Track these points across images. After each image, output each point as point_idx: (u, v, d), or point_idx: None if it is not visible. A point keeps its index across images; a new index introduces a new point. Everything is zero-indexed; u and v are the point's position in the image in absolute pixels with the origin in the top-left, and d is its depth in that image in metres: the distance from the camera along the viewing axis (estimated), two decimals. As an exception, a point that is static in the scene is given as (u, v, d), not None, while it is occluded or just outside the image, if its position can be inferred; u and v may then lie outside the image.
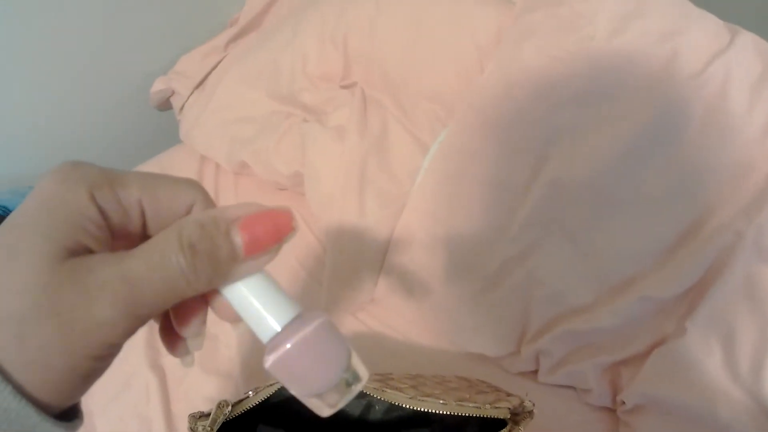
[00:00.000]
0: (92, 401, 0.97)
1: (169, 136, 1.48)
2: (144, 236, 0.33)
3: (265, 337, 0.33)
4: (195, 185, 0.35)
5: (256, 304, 0.33)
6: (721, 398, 0.83)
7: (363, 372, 0.35)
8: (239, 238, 0.30)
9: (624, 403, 0.92)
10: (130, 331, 0.30)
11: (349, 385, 0.34)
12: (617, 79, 0.94)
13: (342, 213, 1.07)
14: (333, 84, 1.23)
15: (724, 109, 0.90)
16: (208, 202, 0.35)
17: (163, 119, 1.59)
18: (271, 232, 0.31)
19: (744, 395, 0.83)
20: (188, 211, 0.34)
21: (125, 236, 0.32)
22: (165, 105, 1.53)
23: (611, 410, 0.96)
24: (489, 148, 1.00)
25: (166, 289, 0.30)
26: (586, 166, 0.93)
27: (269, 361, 0.32)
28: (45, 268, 0.27)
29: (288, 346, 0.31)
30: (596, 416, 0.96)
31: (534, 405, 0.70)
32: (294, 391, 0.33)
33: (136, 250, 0.30)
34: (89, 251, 0.30)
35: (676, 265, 0.90)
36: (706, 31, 0.96)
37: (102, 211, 0.30)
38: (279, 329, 0.32)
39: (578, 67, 0.96)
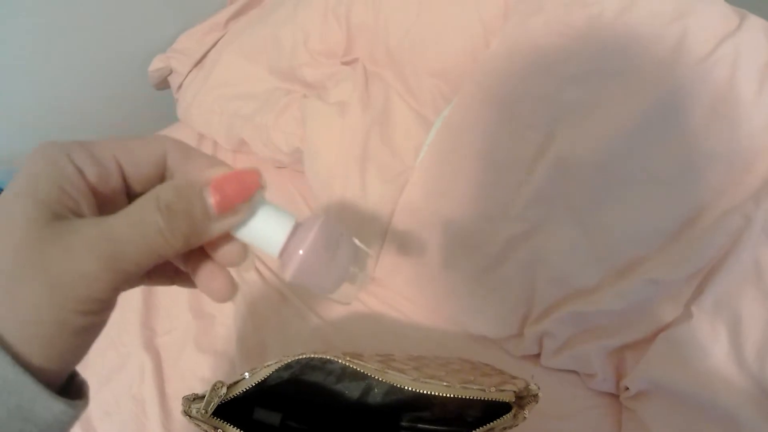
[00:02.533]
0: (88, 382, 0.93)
1: (167, 116, 1.45)
2: (129, 202, 0.34)
3: (275, 251, 0.35)
4: (164, 136, 0.37)
5: (259, 225, 0.35)
6: (726, 385, 0.81)
7: (367, 253, 0.39)
8: (211, 198, 0.33)
9: (627, 388, 0.89)
10: (114, 286, 0.31)
11: (362, 269, 0.38)
12: (625, 57, 0.90)
13: (343, 189, 1.04)
14: (334, 60, 1.19)
15: (732, 93, 0.86)
16: (181, 149, 0.37)
17: (161, 98, 1.56)
18: (239, 191, 0.33)
19: (749, 383, 0.80)
20: (162, 162, 0.37)
21: (111, 200, 0.35)
22: (163, 84, 1.49)
23: (614, 396, 0.94)
24: (494, 124, 0.96)
25: (145, 246, 0.31)
26: (593, 144, 0.90)
27: (288, 272, 0.35)
28: (32, 228, 0.29)
29: (300, 252, 0.35)
30: (599, 401, 0.94)
31: (539, 388, 0.66)
32: (317, 291, 0.37)
33: (118, 212, 0.31)
34: (77, 215, 0.32)
35: (683, 247, 0.87)
36: (714, 13, 0.92)
37: (79, 170, 0.32)
38: (285, 240, 0.35)
39: (586, 44, 0.92)
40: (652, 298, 0.88)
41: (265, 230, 0.35)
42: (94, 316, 0.31)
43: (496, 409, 0.65)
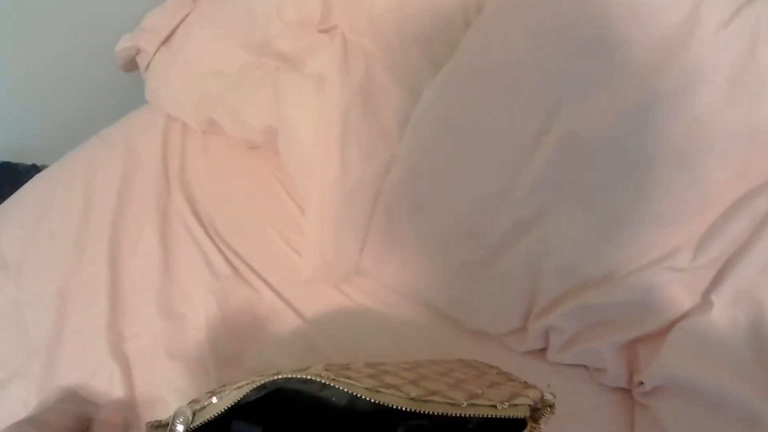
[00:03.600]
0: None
1: (138, 98, 1.37)
2: None
3: None
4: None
5: None
6: (748, 381, 0.76)
7: None
8: None
9: (642, 383, 0.83)
10: None
11: None
12: (634, 26, 0.84)
13: (322, 170, 0.96)
14: (310, 29, 1.11)
15: (754, 65, 0.80)
16: None
17: (131, 80, 1.47)
18: None
19: None
20: None
21: None
22: (132, 65, 1.41)
23: (626, 391, 0.88)
24: (491, 95, 0.89)
25: None
26: (604, 118, 0.83)
27: None
28: None
29: None
30: (610, 398, 0.88)
31: (555, 397, 0.61)
32: None
33: None
34: None
35: (702, 232, 0.82)
36: (730, -22, 0.88)
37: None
38: None
39: (594, 8, 0.85)
40: (668, 287, 0.82)
41: None
42: None
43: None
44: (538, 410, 0.58)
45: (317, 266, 0.96)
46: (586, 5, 0.85)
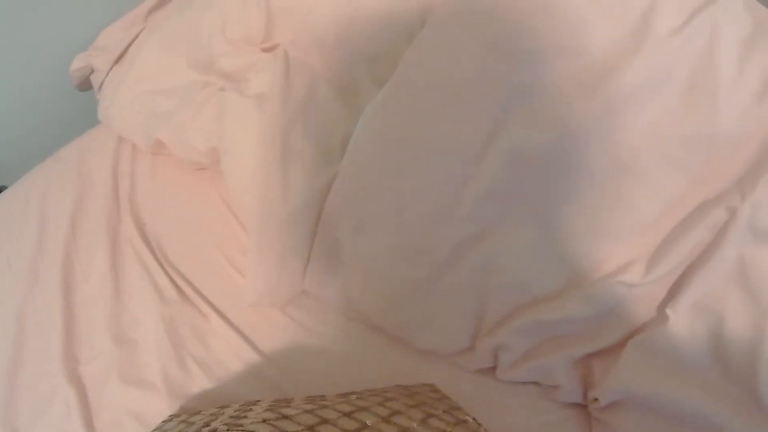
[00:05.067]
0: (19, 419, 0.88)
1: (92, 118, 1.33)
2: None
3: None
4: None
5: None
6: (709, 392, 0.76)
7: None
8: None
9: (597, 399, 0.83)
10: None
11: None
12: (585, 31, 0.83)
13: (264, 191, 0.94)
14: (254, 48, 1.10)
15: (711, 71, 0.81)
16: None
17: (85, 100, 1.45)
18: None
19: (737, 389, 0.76)
20: None
21: None
22: (86, 84, 1.38)
23: (581, 407, 0.87)
24: (434, 109, 0.88)
25: None
26: (551, 130, 0.83)
27: None
28: None
29: None
30: (565, 414, 0.87)
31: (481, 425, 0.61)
32: None
33: None
34: None
35: (656, 244, 0.82)
36: (685, -18, 0.86)
37: None
38: None
39: (541, 17, 0.84)
40: (622, 301, 0.82)
41: None
42: None
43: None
44: None
45: (261, 290, 0.93)
46: (531, 16, 0.84)
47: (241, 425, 0.59)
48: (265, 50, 1.09)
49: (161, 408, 0.86)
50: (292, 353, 0.92)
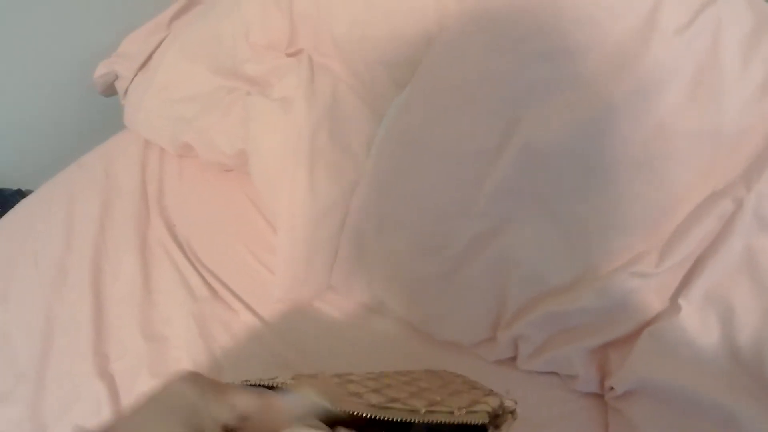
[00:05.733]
0: (47, 415, 0.89)
1: (116, 123, 1.37)
2: None
3: None
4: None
5: None
6: (720, 380, 0.77)
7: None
8: None
9: (613, 388, 0.84)
10: None
11: None
12: (592, 31, 0.85)
13: (291, 192, 0.96)
14: (278, 53, 1.12)
15: (715, 67, 0.82)
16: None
17: (109, 105, 1.47)
18: None
19: (746, 377, 0.76)
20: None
21: None
22: (110, 90, 1.40)
23: (599, 396, 0.89)
24: (452, 110, 0.90)
25: None
26: (561, 128, 0.84)
27: None
28: None
29: None
30: (583, 404, 0.89)
31: (516, 403, 0.62)
32: None
33: None
34: None
35: (667, 235, 0.83)
36: (690, -21, 0.87)
37: (216, 413, 0.41)
38: None
39: (550, 17, 0.86)
40: (635, 292, 0.83)
41: None
42: None
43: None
44: (498, 416, 0.60)
45: (289, 285, 0.96)
46: (541, 17, 0.86)
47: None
48: (289, 55, 1.12)
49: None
50: (318, 346, 0.95)
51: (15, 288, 1.01)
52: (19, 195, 1.43)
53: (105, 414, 0.88)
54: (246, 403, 0.43)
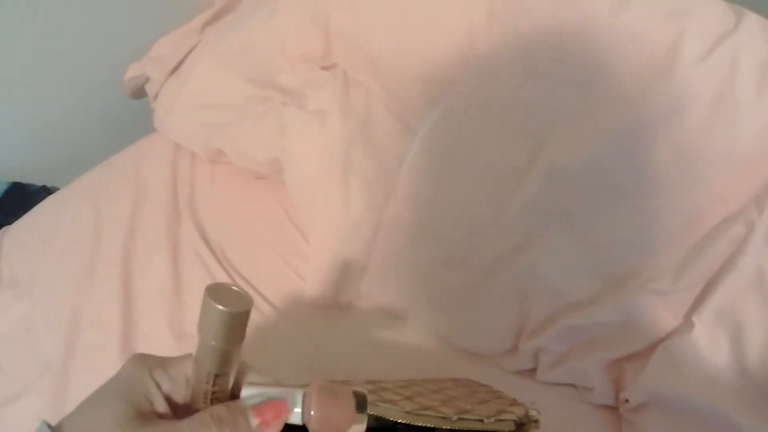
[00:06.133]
0: (69, 408, 0.85)
1: (144, 125, 1.38)
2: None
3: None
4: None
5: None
6: (728, 395, 0.79)
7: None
8: (254, 420, 0.41)
9: (628, 401, 0.87)
10: None
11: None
12: (618, 58, 0.87)
13: (325, 202, 0.99)
14: (313, 66, 1.14)
15: (732, 94, 0.84)
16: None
17: (138, 107, 1.49)
18: (275, 415, 0.41)
19: (753, 391, 0.79)
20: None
21: (182, 407, 0.44)
22: (140, 92, 1.42)
23: (614, 409, 0.91)
24: (482, 130, 0.93)
25: None
26: (586, 150, 0.87)
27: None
28: (121, 421, 0.39)
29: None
30: (599, 415, 0.91)
31: (540, 413, 0.64)
32: None
33: (185, 419, 0.41)
34: (155, 415, 0.42)
35: (683, 256, 0.85)
36: (712, 11, 0.90)
37: (157, 383, 0.43)
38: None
39: (578, 44, 0.89)
40: (651, 309, 0.86)
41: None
42: None
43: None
44: (523, 425, 0.63)
45: (321, 292, 0.97)
46: (570, 43, 0.88)
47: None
48: (324, 68, 1.13)
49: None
50: (347, 352, 0.96)
51: (40, 283, 1.01)
52: (44, 191, 1.43)
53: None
54: (189, 368, 0.44)
